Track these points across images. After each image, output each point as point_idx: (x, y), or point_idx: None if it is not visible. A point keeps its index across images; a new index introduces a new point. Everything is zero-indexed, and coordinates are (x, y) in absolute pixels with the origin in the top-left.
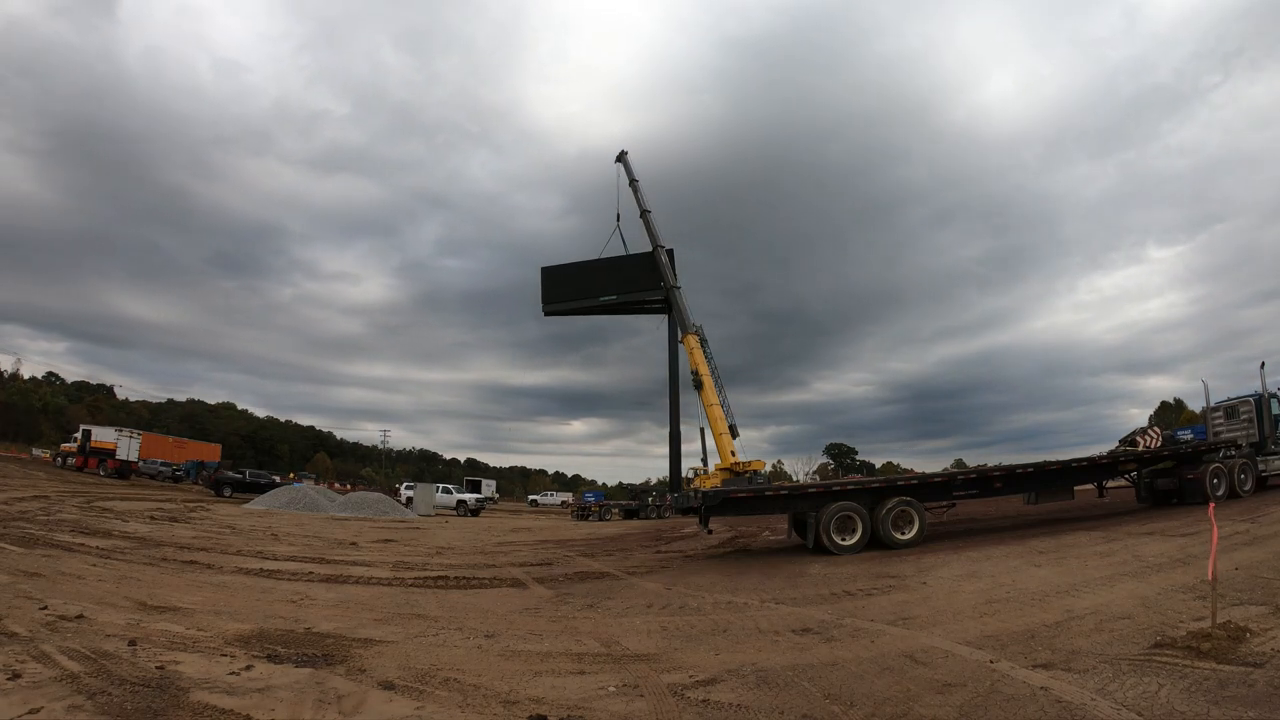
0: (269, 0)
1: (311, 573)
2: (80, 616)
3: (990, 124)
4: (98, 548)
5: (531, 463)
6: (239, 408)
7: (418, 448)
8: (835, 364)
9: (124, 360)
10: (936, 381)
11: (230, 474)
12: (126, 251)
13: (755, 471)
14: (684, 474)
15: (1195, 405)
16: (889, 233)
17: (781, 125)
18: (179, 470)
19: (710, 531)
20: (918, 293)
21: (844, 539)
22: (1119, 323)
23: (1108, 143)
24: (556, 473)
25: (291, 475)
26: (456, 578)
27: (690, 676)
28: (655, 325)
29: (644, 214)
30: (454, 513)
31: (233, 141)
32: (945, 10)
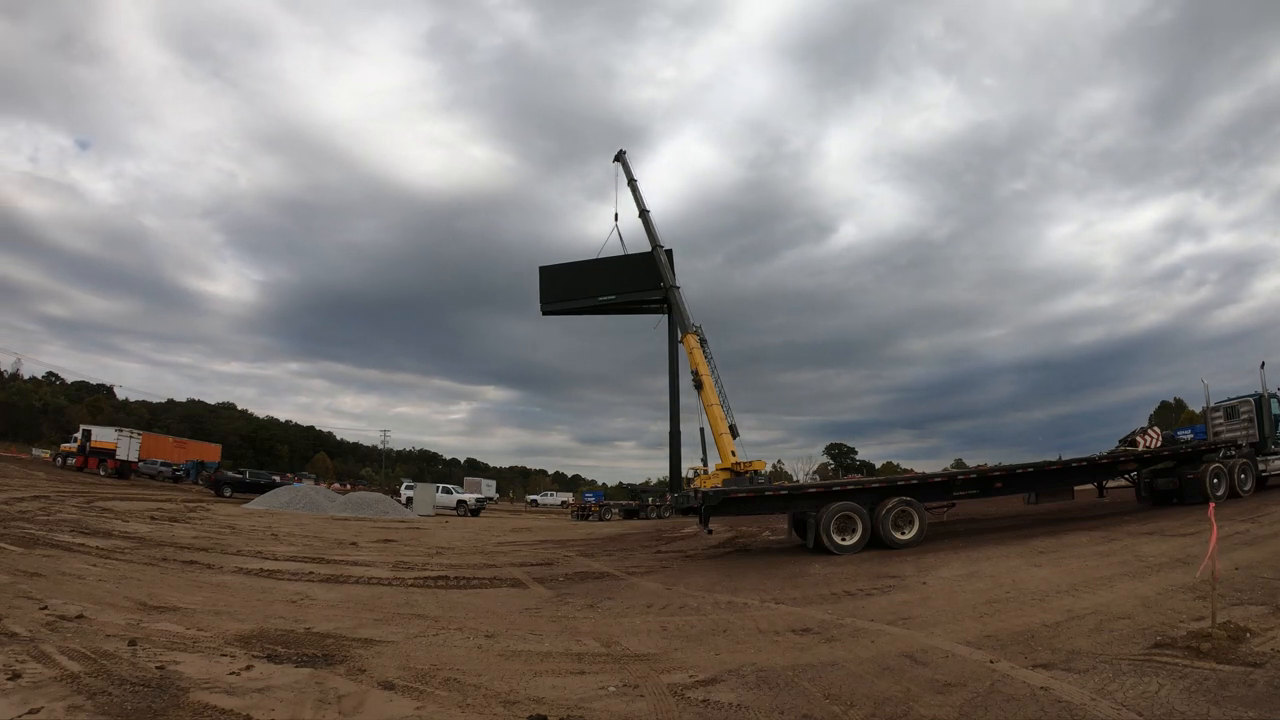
0: None
1: (311, 573)
2: (80, 616)
3: None
4: (98, 548)
5: None
6: (239, 408)
7: (417, 448)
8: None
9: None
10: None
11: (230, 474)
12: None
13: (756, 471)
14: (684, 474)
15: (1195, 405)
16: None
17: None
18: (179, 470)
19: (710, 531)
20: None
21: (844, 539)
22: None
23: None
24: (556, 473)
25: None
26: (456, 578)
27: (690, 676)
28: (654, 325)
29: (643, 214)
30: (454, 513)
31: None
32: None
